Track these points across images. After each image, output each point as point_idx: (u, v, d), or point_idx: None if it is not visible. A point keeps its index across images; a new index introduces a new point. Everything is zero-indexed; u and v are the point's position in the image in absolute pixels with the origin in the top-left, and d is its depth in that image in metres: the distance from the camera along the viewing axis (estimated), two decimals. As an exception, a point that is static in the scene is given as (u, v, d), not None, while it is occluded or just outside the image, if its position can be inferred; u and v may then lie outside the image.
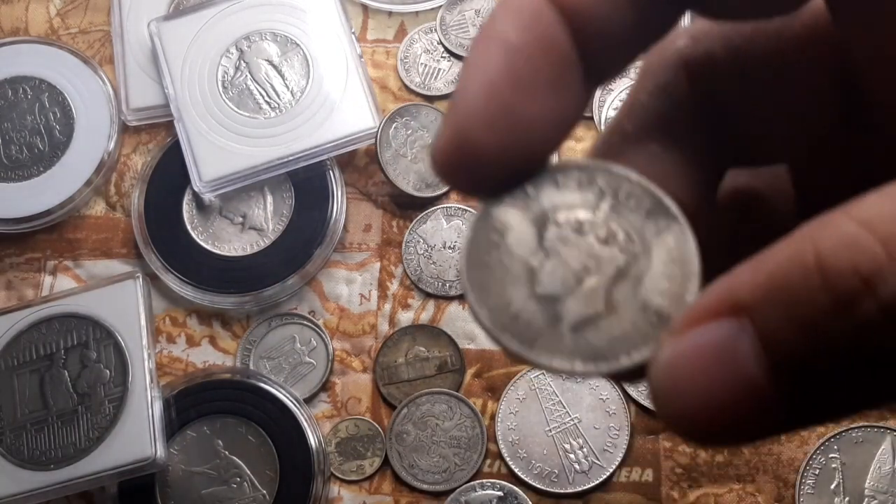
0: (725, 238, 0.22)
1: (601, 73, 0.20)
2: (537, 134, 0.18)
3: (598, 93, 0.53)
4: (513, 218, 0.19)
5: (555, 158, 0.20)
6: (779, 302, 0.14)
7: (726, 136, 0.21)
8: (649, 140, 0.21)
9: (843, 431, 0.46)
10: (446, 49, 0.55)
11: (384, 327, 0.51)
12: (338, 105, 0.52)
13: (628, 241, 0.19)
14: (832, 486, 0.45)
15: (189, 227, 0.52)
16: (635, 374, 0.17)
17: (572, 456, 0.47)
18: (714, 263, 0.20)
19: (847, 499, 0.45)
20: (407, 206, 0.53)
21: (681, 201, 0.19)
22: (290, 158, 0.51)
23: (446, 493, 0.47)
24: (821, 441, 0.46)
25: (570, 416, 0.48)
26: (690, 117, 0.21)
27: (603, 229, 0.19)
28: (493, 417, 0.48)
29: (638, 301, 0.19)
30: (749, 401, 0.14)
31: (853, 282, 0.13)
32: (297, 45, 0.54)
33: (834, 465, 0.45)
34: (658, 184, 0.20)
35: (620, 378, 0.18)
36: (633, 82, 0.21)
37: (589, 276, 0.19)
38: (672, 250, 0.19)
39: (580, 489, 0.47)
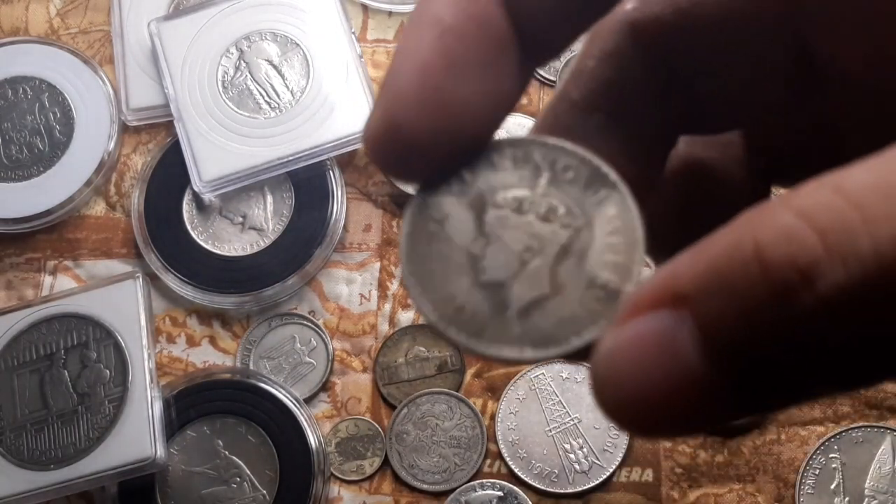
0: (676, 209, 0.22)
1: (540, 52, 0.19)
2: (471, 116, 0.18)
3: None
4: (450, 205, 0.19)
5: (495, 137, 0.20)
6: (718, 292, 0.14)
7: (677, 102, 0.21)
8: (596, 108, 0.20)
9: (843, 431, 0.46)
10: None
11: (384, 327, 0.51)
12: (338, 105, 0.52)
13: (569, 215, 0.19)
14: (832, 486, 0.45)
15: (189, 227, 0.52)
16: (588, 353, 0.17)
17: (572, 456, 0.47)
18: (665, 236, 0.20)
19: (847, 499, 0.45)
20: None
21: (627, 172, 0.19)
22: (290, 158, 0.51)
23: (446, 493, 0.47)
24: (821, 441, 0.46)
25: (570, 416, 0.48)
26: (639, 83, 0.20)
27: (542, 206, 0.19)
28: (493, 417, 0.48)
29: (584, 277, 0.18)
30: (688, 391, 0.14)
31: (791, 274, 0.13)
32: (297, 45, 0.54)
33: (834, 465, 0.45)
34: (604, 155, 0.19)
35: (573, 359, 0.18)
36: (580, 48, 0.21)
37: (532, 257, 0.18)
38: (614, 219, 0.19)
39: (580, 489, 0.47)
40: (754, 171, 0.23)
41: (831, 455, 0.45)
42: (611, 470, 0.47)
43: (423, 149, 0.18)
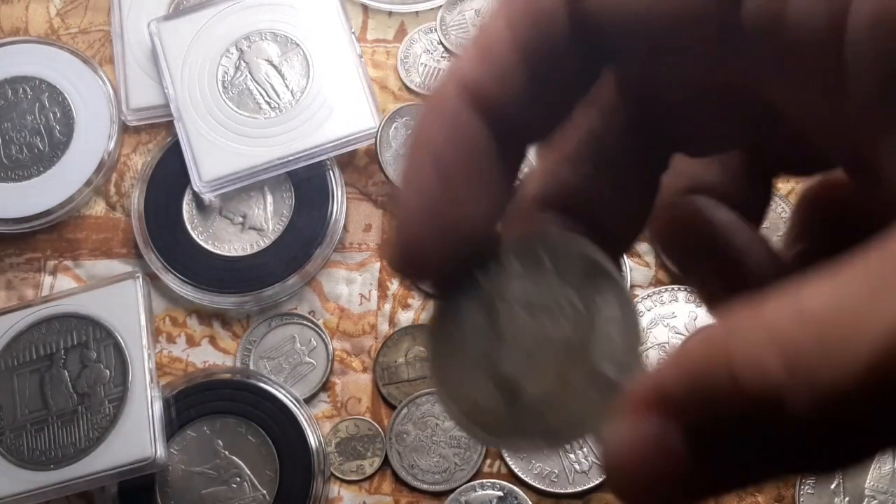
0: (681, 236, 0.24)
1: (523, 150, 0.21)
2: (472, 227, 0.20)
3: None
4: (464, 308, 0.21)
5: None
6: (699, 402, 0.16)
7: (655, 137, 0.22)
8: (585, 161, 0.22)
9: None
10: (446, 49, 0.55)
11: (384, 327, 0.51)
12: (338, 105, 0.53)
13: (573, 309, 0.20)
14: (832, 486, 0.45)
15: (189, 227, 0.52)
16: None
17: (572, 456, 0.47)
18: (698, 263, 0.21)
19: (847, 499, 0.45)
20: (407, 206, 0.53)
21: (621, 215, 0.21)
22: (290, 158, 0.51)
23: (446, 493, 0.47)
24: None
25: (570, 416, 0.48)
26: (624, 126, 0.22)
27: (548, 301, 0.20)
28: (493, 417, 0.48)
29: (587, 372, 0.20)
30: (681, 480, 0.17)
31: (763, 397, 0.15)
32: (297, 45, 0.54)
33: None
34: (603, 206, 0.21)
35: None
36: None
37: (540, 353, 0.20)
38: (613, 311, 0.20)
39: (580, 489, 0.47)
40: (754, 175, 0.24)
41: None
42: (611, 470, 0.47)
43: (435, 262, 0.20)
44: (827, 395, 0.15)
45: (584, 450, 0.47)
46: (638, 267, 0.51)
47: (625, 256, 0.48)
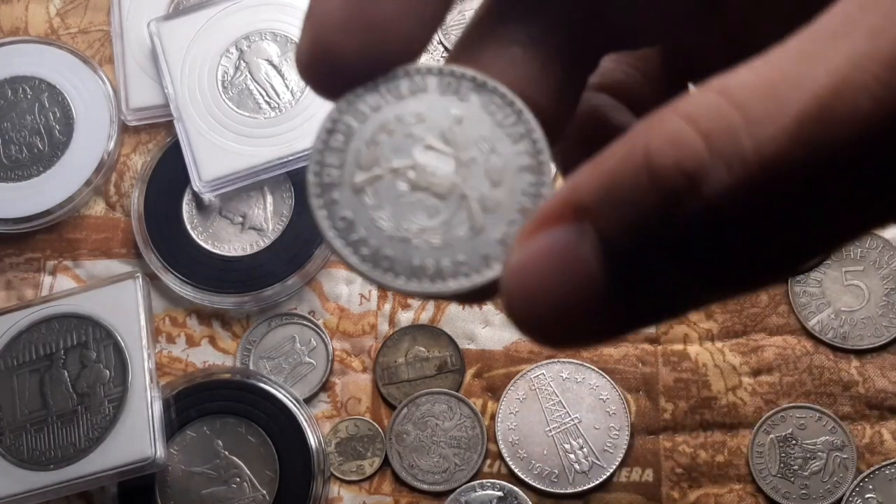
0: (590, 133, 0.22)
1: None
2: (396, 35, 0.18)
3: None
4: (364, 115, 0.19)
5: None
6: (614, 202, 0.14)
7: (594, 19, 0.21)
8: (512, 37, 0.20)
9: (876, 470, 0.45)
10: (446, 49, 0.55)
11: (384, 327, 0.51)
12: (338, 105, 0.52)
13: (481, 148, 0.19)
14: None
15: (189, 227, 0.52)
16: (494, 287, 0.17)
17: (572, 456, 0.47)
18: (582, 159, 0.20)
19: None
20: (407, 206, 0.53)
21: (547, 104, 0.19)
22: (290, 158, 0.51)
23: (446, 494, 0.47)
24: (856, 482, 0.45)
25: (570, 416, 0.48)
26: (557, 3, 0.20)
27: (458, 137, 0.19)
28: (493, 417, 0.48)
29: (499, 203, 0.18)
30: (592, 301, 0.15)
31: (678, 179, 0.14)
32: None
33: None
34: (521, 85, 0.19)
35: (485, 294, 0.18)
36: None
37: (447, 189, 0.19)
38: (522, 155, 0.19)
39: (580, 489, 0.47)
40: (671, 77, 0.23)
41: (868, 496, 0.45)
42: (611, 470, 0.47)
43: (351, 68, 0.18)
44: (750, 164, 0.13)
45: (584, 450, 0.47)
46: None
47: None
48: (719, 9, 0.21)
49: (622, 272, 0.15)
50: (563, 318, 0.15)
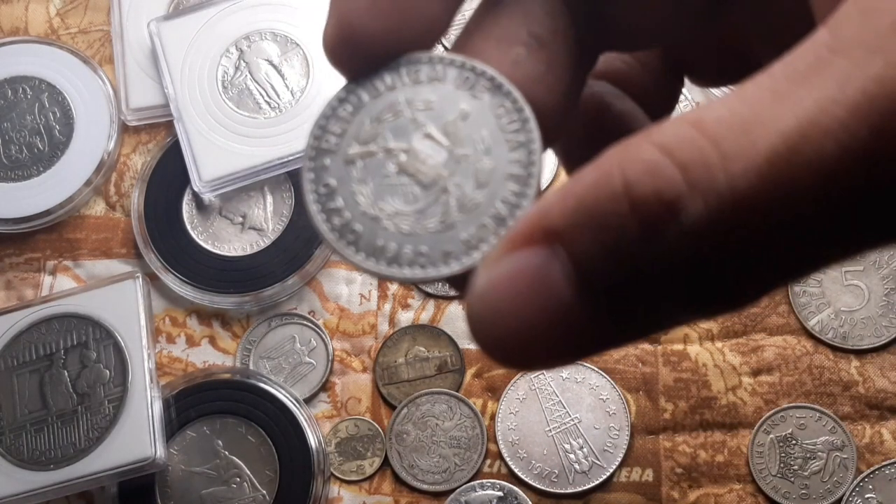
0: (593, 126, 0.23)
1: None
2: (420, 14, 0.19)
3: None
4: (363, 108, 0.19)
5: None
6: (589, 226, 0.15)
7: (596, 25, 0.21)
8: (515, 38, 0.20)
9: (876, 470, 0.45)
10: (446, 49, 0.55)
11: (384, 327, 0.51)
12: (338, 105, 0.52)
13: (476, 147, 0.19)
14: None
15: (189, 227, 0.52)
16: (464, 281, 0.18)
17: (572, 456, 0.47)
18: (582, 158, 0.20)
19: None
20: (407, 206, 0.53)
21: (549, 101, 0.19)
22: (290, 158, 0.51)
23: (446, 494, 0.47)
24: (856, 482, 0.45)
25: (570, 416, 0.48)
26: (561, 11, 0.21)
27: (456, 129, 0.19)
28: (493, 417, 0.48)
29: (477, 205, 0.19)
30: (562, 325, 0.15)
31: (658, 208, 0.14)
32: (297, 45, 0.54)
33: None
34: (525, 86, 0.19)
35: (455, 284, 0.19)
36: None
37: (435, 176, 0.19)
38: (514, 164, 0.19)
39: (580, 489, 0.47)
40: (669, 70, 0.24)
41: (868, 495, 0.45)
42: (611, 470, 0.47)
43: (376, 49, 0.18)
44: (724, 197, 0.14)
45: (584, 450, 0.47)
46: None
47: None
48: (718, 17, 0.21)
49: (597, 297, 0.15)
50: (529, 342, 0.15)
